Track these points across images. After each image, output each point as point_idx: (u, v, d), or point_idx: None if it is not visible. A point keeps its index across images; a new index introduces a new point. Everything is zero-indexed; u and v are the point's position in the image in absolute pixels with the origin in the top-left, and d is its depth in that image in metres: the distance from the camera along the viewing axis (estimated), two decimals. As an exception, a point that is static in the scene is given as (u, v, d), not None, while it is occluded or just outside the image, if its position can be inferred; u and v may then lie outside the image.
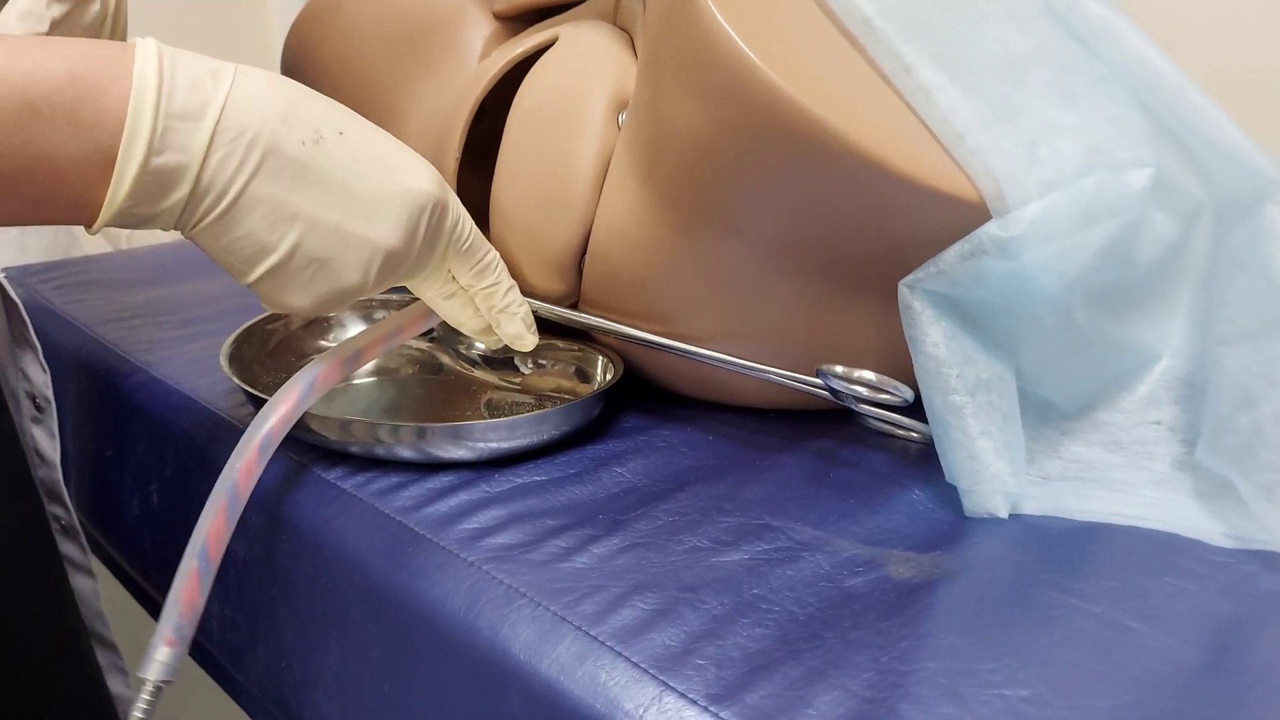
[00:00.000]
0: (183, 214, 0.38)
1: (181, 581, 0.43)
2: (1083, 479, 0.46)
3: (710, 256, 0.48)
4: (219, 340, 0.65)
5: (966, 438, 0.43)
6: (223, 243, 0.40)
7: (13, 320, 0.63)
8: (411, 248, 0.43)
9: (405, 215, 0.42)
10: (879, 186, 0.42)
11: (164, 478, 0.58)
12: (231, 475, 0.44)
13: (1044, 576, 0.39)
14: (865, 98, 0.43)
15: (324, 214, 0.40)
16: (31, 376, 0.64)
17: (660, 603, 0.38)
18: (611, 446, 0.51)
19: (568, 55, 0.55)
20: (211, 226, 0.39)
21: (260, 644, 0.51)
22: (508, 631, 0.38)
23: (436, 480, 0.47)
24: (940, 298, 0.44)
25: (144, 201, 0.37)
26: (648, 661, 0.35)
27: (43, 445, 0.64)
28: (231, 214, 0.39)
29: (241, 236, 0.39)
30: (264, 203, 0.39)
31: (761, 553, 0.41)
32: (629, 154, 0.50)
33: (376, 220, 0.41)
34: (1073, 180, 0.42)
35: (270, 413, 0.45)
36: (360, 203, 0.41)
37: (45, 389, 0.64)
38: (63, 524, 0.65)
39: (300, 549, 0.47)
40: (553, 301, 0.55)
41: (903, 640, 0.35)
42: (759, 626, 0.36)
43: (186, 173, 0.37)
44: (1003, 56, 0.46)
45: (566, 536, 0.42)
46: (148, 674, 0.41)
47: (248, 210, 0.39)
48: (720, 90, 0.43)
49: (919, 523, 0.43)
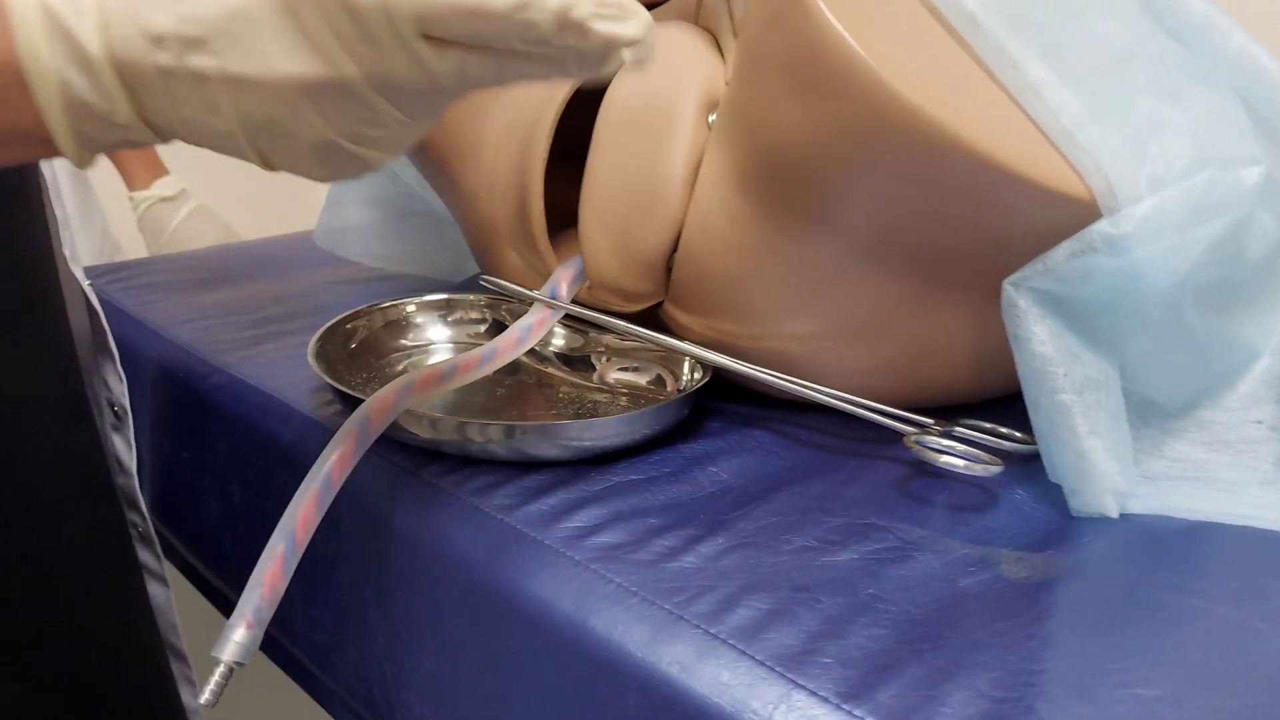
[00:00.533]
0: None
1: (266, 563, 0.42)
2: (1188, 478, 0.45)
3: (807, 256, 0.48)
4: (293, 340, 0.65)
5: (1075, 437, 0.42)
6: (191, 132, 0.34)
7: (95, 328, 0.63)
8: (320, 65, 0.32)
9: (279, 28, 0.32)
10: (989, 184, 0.42)
11: (246, 478, 0.58)
12: (325, 464, 0.44)
13: (1162, 577, 0.38)
14: (972, 95, 0.43)
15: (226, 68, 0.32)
16: (111, 385, 0.64)
17: (775, 602, 0.37)
18: (702, 446, 0.50)
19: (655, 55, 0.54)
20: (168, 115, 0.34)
21: (349, 644, 0.51)
22: (622, 630, 0.38)
23: (531, 479, 0.47)
24: (1045, 296, 0.44)
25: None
26: (772, 660, 0.34)
27: (121, 453, 0.65)
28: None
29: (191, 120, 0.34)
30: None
31: (871, 552, 0.40)
32: (723, 154, 0.50)
33: (258, 49, 0.32)
34: (1183, 177, 0.42)
35: (368, 407, 0.45)
36: (239, 41, 0.32)
37: (122, 397, 0.64)
38: (140, 531, 0.66)
39: (395, 548, 0.47)
40: (639, 301, 0.55)
41: (1029, 640, 0.35)
42: (877, 626, 0.36)
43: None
44: (1105, 52, 0.46)
45: (670, 536, 0.42)
46: (222, 654, 0.41)
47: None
48: (830, 90, 0.43)
49: (1025, 522, 0.43)
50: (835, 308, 0.50)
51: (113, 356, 0.64)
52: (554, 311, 0.55)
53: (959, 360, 0.52)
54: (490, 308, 0.62)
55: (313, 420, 0.54)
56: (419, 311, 0.61)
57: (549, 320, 0.54)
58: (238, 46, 0.32)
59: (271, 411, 0.56)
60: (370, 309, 0.60)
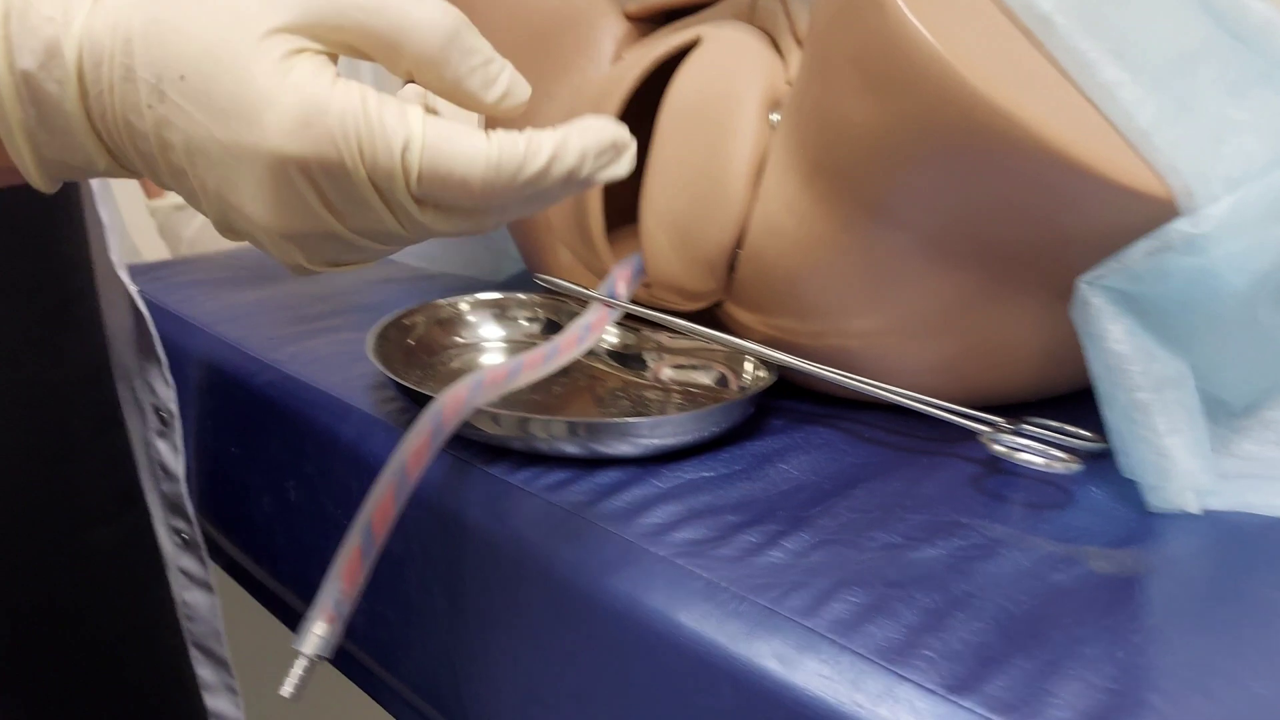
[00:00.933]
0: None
1: (344, 558, 0.42)
2: (1261, 476, 0.45)
3: (874, 252, 0.48)
4: (339, 337, 0.65)
5: (1155, 434, 0.42)
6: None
7: (140, 333, 0.63)
8: (306, 223, 0.32)
9: (266, 188, 0.31)
10: (1064, 181, 0.42)
11: (302, 474, 0.57)
12: (401, 459, 0.43)
13: (1257, 574, 0.39)
14: (1046, 92, 0.43)
15: (200, 172, 0.32)
16: (157, 390, 0.64)
17: (870, 598, 0.37)
18: (769, 444, 0.50)
19: (715, 55, 0.55)
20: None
21: (416, 642, 0.51)
22: (715, 625, 0.38)
23: (604, 476, 0.47)
24: (1119, 294, 0.44)
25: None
26: (873, 653, 0.35)
27: (167, 459, 0.65)
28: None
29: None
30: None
31: (959, 549, 0.40)
32: (789, 152, 0.50)
33: (244, 195, 0.32)
34: (1259, 176, 0.42)
35: (442, 403, 0.45)
36: (219, 167, 0.32)
37: (170, 402, 0.64)
38: (184, 538, 0.65)
39: (467, 544, 0.47)
40: (700, 299, 0.55)
41: (1133, 635, 0.35)
42: (977, 621, 0.36)
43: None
44: (1172, 51, 0.46)
45: (752, 532, 0.42)
46: (304, 647, 0.40)
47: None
48: (904, 84, 0.43)
49: (1106, 519, 0.43)
50: (900, 304, 0.50)
51: (159, 361, 0.63)
52: (612, 310, 0.55)
53: (1021, 358, 0.52)
54: (543, 307, 0.62)
55: (372, 417, 0.54)
56: (473, 310, 0.61)
57: (607, 319, 0.55)
58: (223, 183, 0.32)
59: (328, 408, 0.56)
60: (424, 307, 0.60)
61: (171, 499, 0.65)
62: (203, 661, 0.67)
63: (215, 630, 0.67)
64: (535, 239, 0.63)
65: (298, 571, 0.59)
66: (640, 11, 0.62)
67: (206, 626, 0.67)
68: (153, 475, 0.65)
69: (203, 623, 0.67)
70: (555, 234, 0.61)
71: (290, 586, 0.61)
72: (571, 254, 0.61)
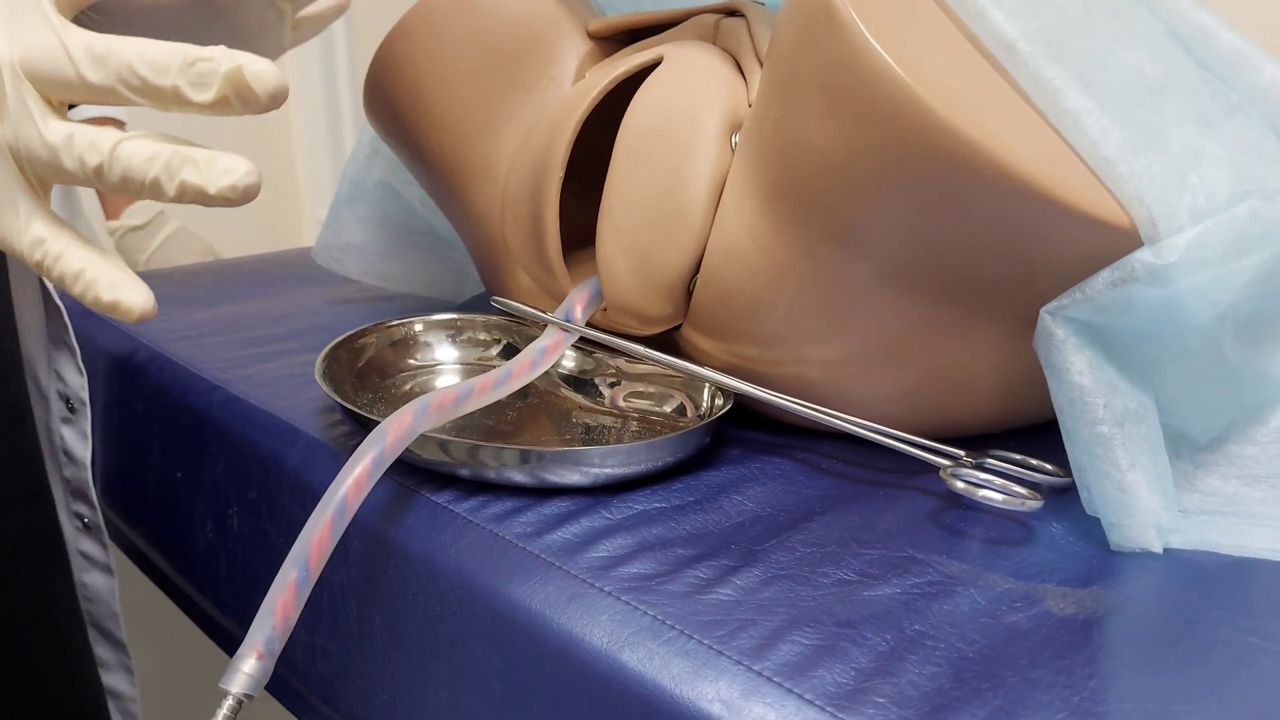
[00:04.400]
0: None
1: (278, 590, 0.40)
2: (1224, 513, 0.44)
3: (835, 280, 0.47)
4: (294, 360, 0.63)
5: (1116, 470, 0.41)
6: None
7: (52, 322, 0.63)
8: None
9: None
10: (1029, 210, 0.41)
11: (246, 500, 0.56)
12: (341, 488, 0.42)
13: (1215, 614, 0.37)
14: (1011, 119, 0.42)
15: None
16: (67, 378, 0.64)
17: (820, 638, 0.36)
18: (725, 474, 0.49)
19: (676, 75, 0.54)
20: None
21: (355, 674, 0.49)
22: (659, 665, 0.36)
23: (552, 506, 0.46)
24: (1083, 325, 0.43)
25: None
26: (821, 698, 0.33)
27: (72, 445, 0.65)
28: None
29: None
30: None
31: (914, 586, 0.39)
32: (749, 175, 0.49)
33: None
34: (1224, 208, 0.41)
35: (385, 429, 0.44)
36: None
37: (81, 390, 0.65)
38: (85, 522, 0.67)
39: (409, 575, 0.45)
40: (657, 324, 0.54)
41: (1089, 679, 0.33)
42: (929, 664, 0.35)
43: None
44: (1139, 82, 0.46)
45: (703, 567, 0.41)
46: (231, 686, 0.38)
47: None
48: (866, 110, 0.42)
49: (1065, 557, 0.42)
50: (860, 333, 0.49)
51: (72, 351, 0.64)
52: (568, 334, 0.53)
53: (983, 390, 0.51)
54: (500, 329, 0.61)
55: (319, 442, 0.53)
56: (427, 331, 0.60)
57: (563, 343, 0.53)
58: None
59: (275, 432, 0.55)
60: (376, 327, 0.58)
61: (75, 484, 0.66)
62: (100, 641, 0.68)
63: (113, 611, 0.68)
64: (494, 262, 0.61)
65: (239, 600, 0.58)
66: (603, 30, 0.61)
67: (104, 608, 0.68)
68: (55, 461, 0.65)
69: (101, 604, 0.68)
70: (514, 257, 0.59)
71: (231, 614, 0.59)
72: (530, 277, 0.59)
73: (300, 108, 2.17)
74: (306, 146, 2.22)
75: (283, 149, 2.21)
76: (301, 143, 2.23)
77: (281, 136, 2.20)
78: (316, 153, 2.21)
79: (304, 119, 2.20)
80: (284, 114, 2.18)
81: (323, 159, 2.20)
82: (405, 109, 0.62)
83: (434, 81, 0.60)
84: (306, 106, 2.17)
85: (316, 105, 2.15)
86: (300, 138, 2.22)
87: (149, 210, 1.20)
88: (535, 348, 0.52)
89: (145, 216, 1.19)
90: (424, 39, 0.60)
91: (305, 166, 2.24)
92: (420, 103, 0.61)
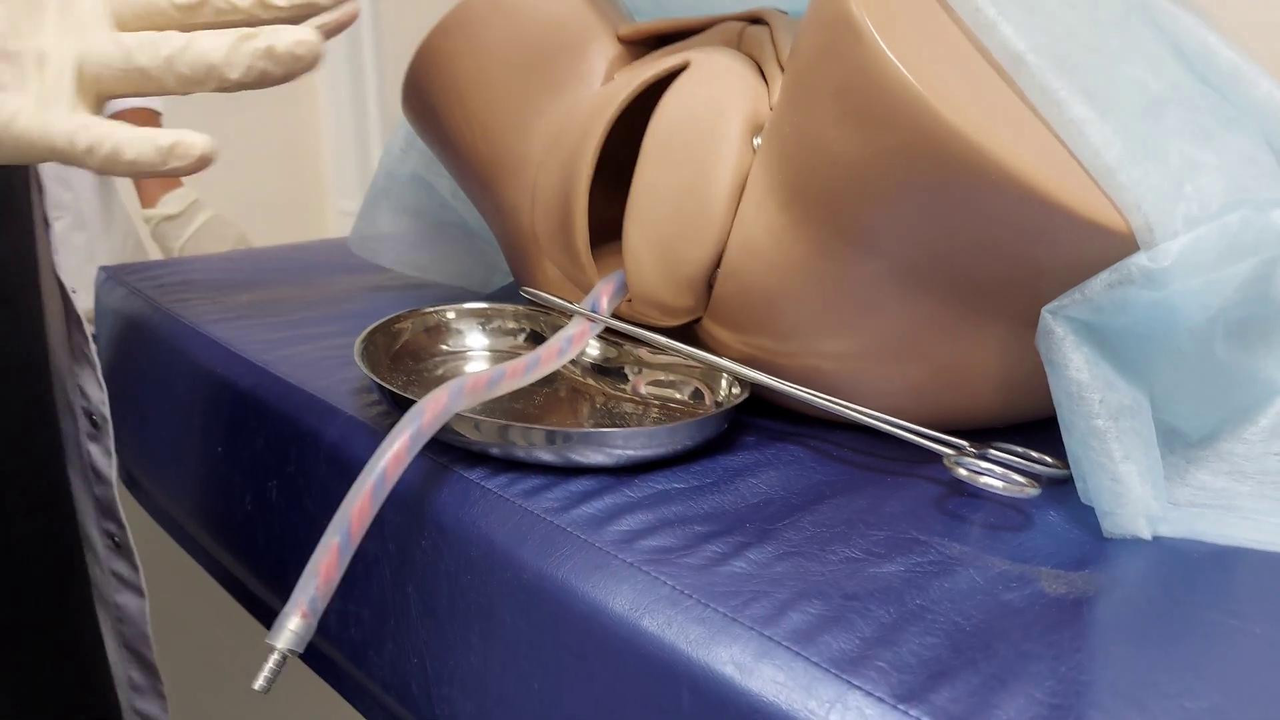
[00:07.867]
0: None
1: (321, 554, 0.43)
2: (1212, 505, 0.47)
3: (847, 277, 0.50)
4: (330, 342, 0.66)
5: (1110, 461, 0.44)
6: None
7: (73, 335, 0.63)
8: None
9: None
10: (1033, 215, 0.44)
11: (285, 474, 0.59)
12: (381, 461, 0.45)
13: (1198, 597, 0.40)
14: (1018, 128, 0.45)
15: None
16: (88, 393, 0.64)
17: (827, 609, 0.39)
18: (741, 459, 0.52)
19: (702, 79, 0.56)
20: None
21: (389, 640, 0.52)
22: (676, 630, 0.39)
23: (577, 484, 0.48)
24: (1081, 324, 0.45)
25: None
26: (828, 662, 0.36)
27: (99, 462, 0.65)
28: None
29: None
30: None
31: (916, 565, 0.42)
32: (769, 176, 0.51)
33: None
34: (1217, 216, 0.44)
35: (423, 408, 0.46)
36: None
37: (102, 405, 0.64)
38: (115, 541, 0.65)
39: (442, 546, 0.48)
40: (679, 316, 0.57)
41: (1076, 652, 0.36)
42: (929, 635, 0.37)
43: None
44: (1141, 95, 0.48)
45: (719, 542, 0.44)
46: (277, 642, 0.41)
47: None
48: (881, 117, 0.44)
49: (1059, 542, 0.44)
50: (872, 329, 0.52)
51: (92, 365, 0.63)
52: (594, 324, 0.56)
53: (986, 385, 0.53)
54: (528, 318, 0.64)
55: (356, 420, 0.55)
56: (459, 318, 0.63)
57: (589, 332, 0.56)
58: None
59: (314, 410, 0.57)
60: (412, 314, 0.61)
61: (104, 502, 0.66)
62: (133, 663, 0.68)
63: (144, 634, 0.68)
64: (523, 253, 0.64)
65: (275, 569, 0.61)
66: (632, 35, 0.63)
67: (136, 630, 0.67)
68: (85, 478, 0.65)
69: (133, 625, 0.67)
70: (542, 249, 0.62)
71: (268, 584, 0.62)
72: (558, 269, 0.62)
73: (328, 106, 2.24)
74: (332, 139, 2.27)
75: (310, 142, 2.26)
76: (328, 135, 2.27)
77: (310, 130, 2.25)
78: (341, 145, 2.25)
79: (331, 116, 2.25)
80: (311, 109, 2.24)
81: (347, 152, 2.25)
82: (442, 106, 0.65)
83: (470, 80, 0.63)
84: (333, 105, 2.23)
85: (343, 101, 2.21)
86: (327, 130, 2.27)
87: (183, 199, 1.23)
88: (562, 336, 0.55)
89: (180, 205, 1.22)
90: (462, 40, 0.63)
91: (330, 160, 2.29)
92: (456, 100, 0.64)
